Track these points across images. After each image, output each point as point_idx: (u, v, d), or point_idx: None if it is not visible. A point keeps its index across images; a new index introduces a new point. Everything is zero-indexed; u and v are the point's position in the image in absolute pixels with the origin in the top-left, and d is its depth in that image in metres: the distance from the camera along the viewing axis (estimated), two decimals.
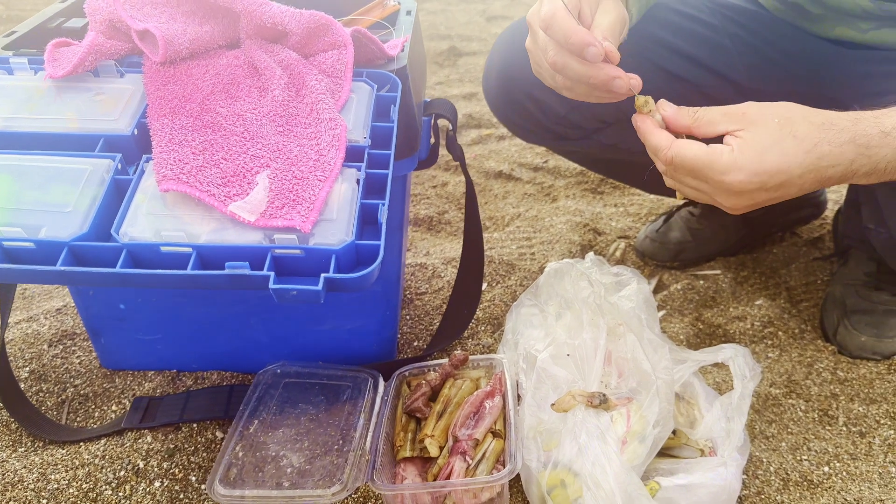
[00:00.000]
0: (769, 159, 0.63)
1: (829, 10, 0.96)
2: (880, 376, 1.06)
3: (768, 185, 0.64)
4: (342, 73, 0.74)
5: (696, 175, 0.66)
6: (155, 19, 0.76)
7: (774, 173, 0.64)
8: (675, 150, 0.66)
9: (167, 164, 0.63)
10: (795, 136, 0.64)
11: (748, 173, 0.64)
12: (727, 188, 0.65)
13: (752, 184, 0.64)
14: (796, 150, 0.63)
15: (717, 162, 0.64)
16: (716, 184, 0.66)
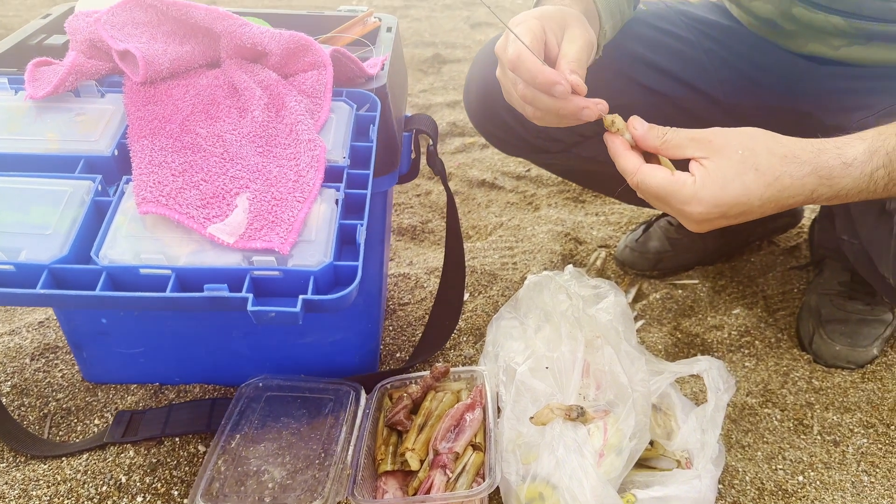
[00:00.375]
0: (730, 191, 0.65)
1: (802, 26, 0.98)
2: (854, 385, 1.08)
3: (728, 214, 0.67)
4: (322, 93, 0.75)
5: (660, 200, 0.69)
6: (136, 39, 0.76)
7: (734, 204, 0.66)
8: (640, 177, 0.68)
9: (147, 186, 0.64)
10: (757, 168, 0.65)
11: (708, 205, 0.66)
12: (688, 216, 0.68)
13: (712, 213, 0.66)
14: (757, 182, 0.65)
15: (680, 192, 0.66)
16: (677, 212, 0.68)
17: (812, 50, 1.00)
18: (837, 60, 0.99)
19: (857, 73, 0.98)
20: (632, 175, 0.69)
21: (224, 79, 0.76)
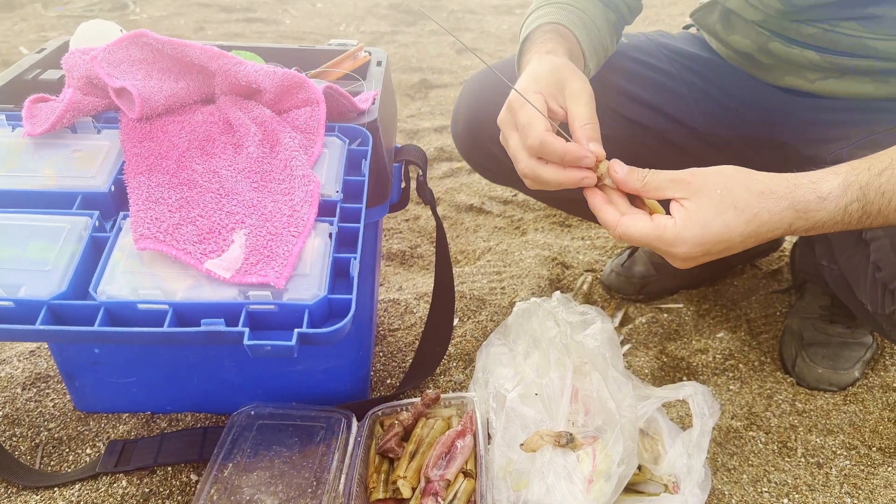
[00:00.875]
0: (712, 230, 0.68)
1: (779, 60, 1.01)
2: (836, 407, 1.10)
3: (712, 251, 0.69)
4: (315, 129, 0.77)
5: (645, 245, 0.71)
6: (131, 76, 0.78)
7: (717, 242, 0.68)
8: (621, 230, 0.71)
9: (144, 222, 0.65)
10: (736, 206, 0.68)
11: (691, 245, 0.68)
12: (673, 256, 0.70)
13: (696, 251, 0.69)
14: (737, 220, 0.68)
15: (662, 236, 0.68)
16: (663, 253, 0.70)
17: (789, 83, 1.03)
18: (813, 93, 1.02)
19: (832, 105, 1.01)
20: (613, 228, 0.71)
21: (219, 115, 0.78)
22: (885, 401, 1.11)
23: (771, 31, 1.00)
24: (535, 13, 0.97)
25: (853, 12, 0.90)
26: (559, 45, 0.85)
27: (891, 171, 0.69)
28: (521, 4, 3.70)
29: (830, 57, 0.96)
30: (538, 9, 0.97)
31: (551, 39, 0.86)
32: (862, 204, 0.69)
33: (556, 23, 0.91)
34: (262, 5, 3.49)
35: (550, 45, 0.85)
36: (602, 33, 0.98)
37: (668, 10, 3.66)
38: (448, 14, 3.49)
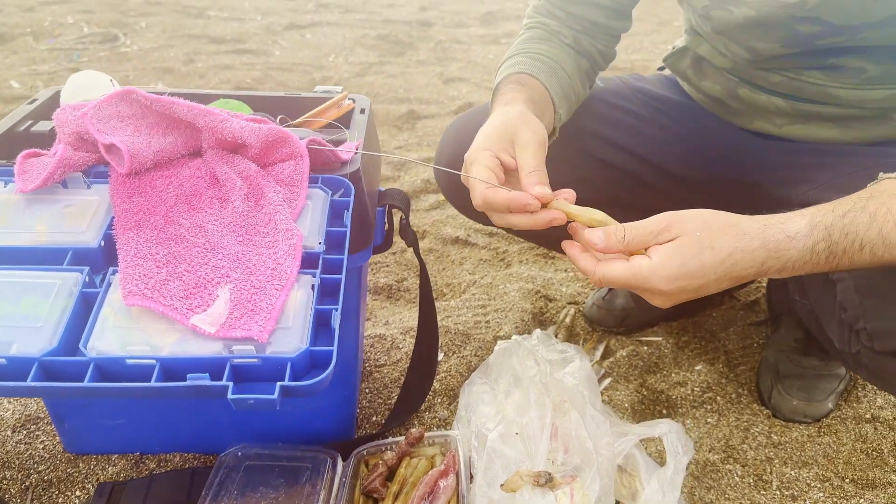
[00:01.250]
0: (689, 268, 0.70)
1: (748, 106, 1.05)
2: (811, 439, 1.13)
3: (687, 289, 0.72)
4: (299, 182, 0.80)
5: (624, 286, 0.74)
6: (121, 132, 0.81)
7: (692, 279, 0.71)
8: (599, 276, 0.74)
9: (132, 278, 0.68)
10: (713, 247, 0.70)
11: (668, 280, 0.70)
12: (651, 292, 0.73)
13: (671, 288, 0.71)
14: (713, 259, 0.70)
15: (639, 274, 0.71)
16: (642, 291, 0.73)
17: (758, 127, 1.07)
18: (781, 137, 1.06)
19: (799, 148, 1.05)
20: (592, 275, 0.74)
21: (206, 169, 0.81)
22: (857, 432, 1.14)
23: (740, 77, 1.04)
24: (506, 62, 1.01)
25: (816, 62, 0.94)
26: (518, 95, 0.89)
27: (853, 214, 0.72)
28: (507, 34, 3.76)
29: (796, 103, 1.00)
30: (510, 58, 1.01)
31: (512, 90, 0.91)
32: (828, 244, 0.72)
33: (523, 72, 0.95)
34: (251, 37, 3.53)
35: (510, 95, 0.89)
36: (573, 80, 1.02)
37: (651, 38, 3.73)
38: (435, 44, 3.55)
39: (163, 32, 3.54)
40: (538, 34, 1.05)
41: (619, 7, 1.03)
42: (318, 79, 2.96)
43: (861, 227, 0.71)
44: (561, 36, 1.04)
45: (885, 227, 0.70)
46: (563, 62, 1.01)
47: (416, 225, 1.84)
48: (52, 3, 3.97)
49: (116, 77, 2.85)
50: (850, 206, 0.73)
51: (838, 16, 0.85)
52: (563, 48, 1.03)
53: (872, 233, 0.70)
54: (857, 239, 0.71)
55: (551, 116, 0.97)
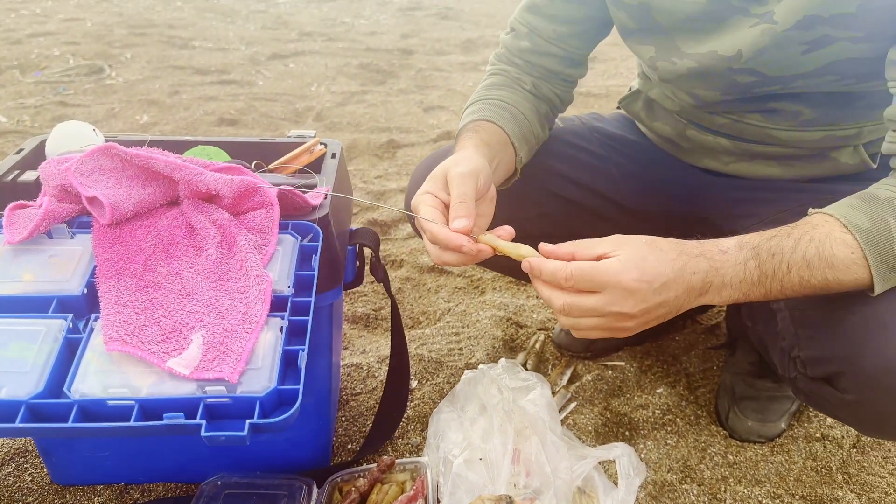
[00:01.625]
0: (648, 265, 0.75)
1: (696, 145, 1.13)
2: (764, 458, 1.19)
3: (654, 286, 0.75)
4: (269, 229, 0.86)
5: (594, 283, 0.75)
6: (102, 185, 0.87)
7: (655, 276, 0.75)
8: (572, 266, 0.75)
9: (113, 325, 0.74)
10: (661, 249, 0.77)
11: (636, 275, 0.74)
12: (624, 288, 0.74)
13: (641, 284, 0.74)
14: (665, 258, 0.76)
15: (611, 267, 0.74)
16: (613, 287, 0.74)
17: (706, 165, 1.15)
18: (728, 174, 1.13)
19: (745, 184, 1.12)
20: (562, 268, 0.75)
21: (182, 219, 0.87)
22: (808, 450, 1.20)
23: (688, 119, 1.12)
24: (469, 108, 1.08)
25: (756, 106, 1.01)
26: (468, 142, 0.96)
27: (779, 238, 0.79)
28: (486, 62, 3.85)
29: (740, 143, 1.08)
30: (473, 104, 1.08)
31: (465, 138, 0.98)
32: (757, 262, 0.78)
33: (483, 119, 1.01)
34: (235, 67, 3.61)
35: (461, 143, 0.96)
36: (532, 124, 1.09)
37: (626, 64, 3.83)
38: (416, 72, 3.63)
39: (148, 63, 3.61)
40: (499, 80, 1.12)
41: (573, 56, 1.10)
42: (300, 109, 3.03)
43: (786, 250, 0.78)
44: (521, 82, 1.11)
45: (809, 251, 0.77)
46: (523, 107, 1.08)
47: (394, 254, 1.91)
48: (38, 36, 4.04)
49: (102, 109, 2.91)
50: (776, 232, 0.80)
51: (771, 68, 0.92)
52: (522, 94, 1.10)
53: (797, 256, 0.78)
54: (784, 260, 0.78)
55: (511, 157, 1.03)
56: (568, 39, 1.07)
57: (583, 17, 1.05)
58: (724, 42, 0.92)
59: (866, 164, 1.04)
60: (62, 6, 4.89)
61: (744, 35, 0.90)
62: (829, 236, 0.78)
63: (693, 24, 0.94)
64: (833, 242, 0.77)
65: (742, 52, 0.91)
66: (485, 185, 0.86)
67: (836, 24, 0.84)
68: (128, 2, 5.14)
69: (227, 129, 2.73)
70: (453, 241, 0.79)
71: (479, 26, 4.97)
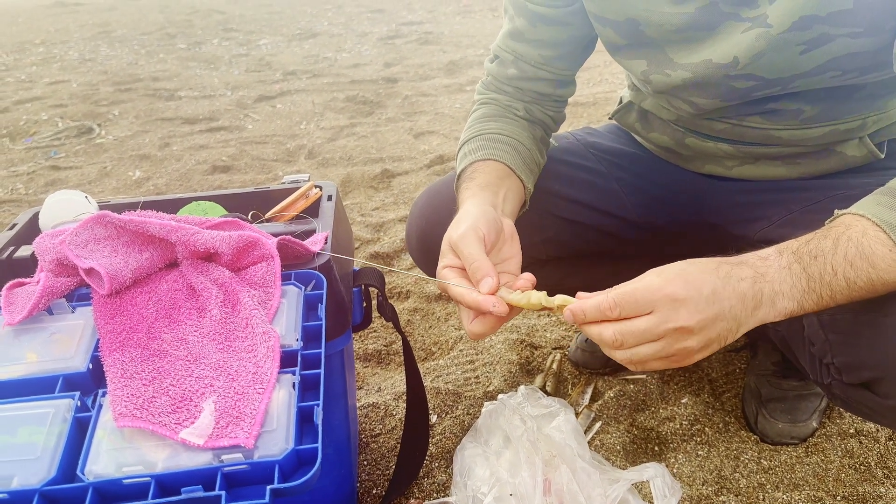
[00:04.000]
0: (691, 275, 0.71)
1: (697, 152, 1.11)
2: (800, 460, 1.16)
3: (704, 292, 0.70)
4: (271, 282, 0.84)
5: (641, 304, 0.70)
6: (98, 254, 0.85)
7: (701, 282, 0.71)
8: (614, 293, 0.72)
9: (121, 400, 0.71)
10: (700, 261, 0.73)
11: (681, 283, 0.70)
12: (673, 299, 0.70)
13: (690, 291, 0.70)
14: (706, 267, 0.72)
15: (653, 282, 0.71)
16: (661, 301, 0.70)
17: (710, 171, 1.13)
18: (733, 178, 1.11)
19: (751, 187, 1.10)
20: (605, 298, 0.72)
21: (182, 281, 0.85)
22: (844, 448, 1.17)
23: (685, 128, 1.10)
24: (467, 145, 1.05)
25: (755, 109, 0.99)
26: (465, 192, 0.94)
27: (816, 240, 0.76)
28: (471, 81, 3.87)
29: (742, 147, 1.06)
30: (470, 140, 1.06)
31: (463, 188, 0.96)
32: (801, 266, 0.74)
33: (481, 160, 1.00)
34: (223, 113, 3.61)
35: (460, 193, 0.95)
36: (532, 152, 1.07)
37: (611, 69, 3.84)
38: (403, 100, 3.64)
39: (136, 119, 3.62)
40: (492, 110, 1.10)
41: (561, 78, 1.09)
42: (291, 148, 3.03)
43: (827, 251, 0.74)
44: (513, 109, 1.10)
45: (849, 251, 0.74)
46: (520, 136, 1.06)
47: (399, 285, 1.89)
48: (25, 102, 4.06)
49: (94, 169, 2.91)
50: (812, 235, 0.77)
51: (770, 71, 0.90)
52: (517, 122, 1.09)
53: (839, 256, 0.74)
54: (828, 262, 0.74)
55: (519, 186, 1.01)
56: (555, 62, 1.06)
57: (567, 39, 1.04)
58: (718, 50, 0.90)
59: (874, 155, 1.01)
60: (47, 70, 4.92)
61: (738, 41, 0.88)
62: (865, 235, 0.74)
63: (684, 35, 0.92)
64: (870, 241, 0.74)
65: (738, 58, 0.89)
66: (491, 231, 0.84)
67: (834, 21, 0.82)
68: (111, 59, 5.18)
69: (220, 177, 2.73)
70: (483, 307, 0.78)
71: (461, 47, 4.99)
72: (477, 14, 6.50)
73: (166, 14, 7.39)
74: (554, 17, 1.02)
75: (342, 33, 5.85)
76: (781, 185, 1.08)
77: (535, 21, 1.03)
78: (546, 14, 1.02)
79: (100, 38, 6.16)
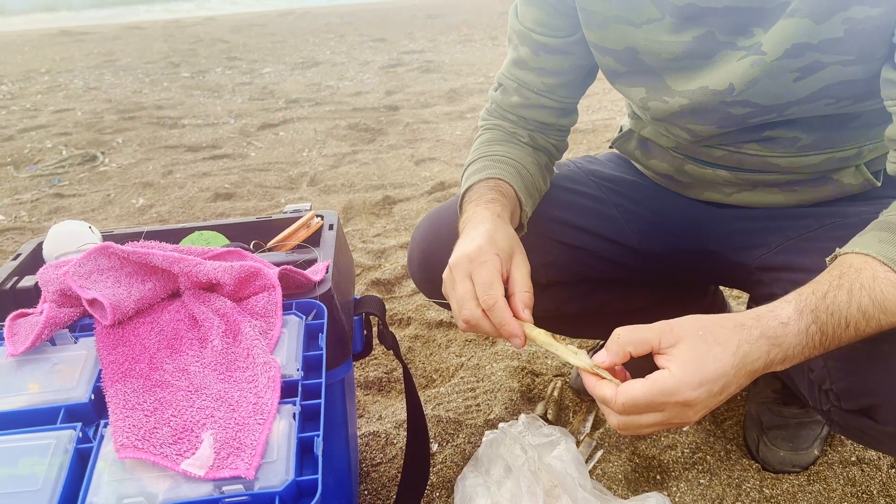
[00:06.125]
0: (707, 368, 0.71)
1: (696, 179, 1.12)
2: (801, 488, 1.16)
3: (714, 390, 0.71)
4: (273, 312, 0.85)
5: (652, 407, 0.71)
6: (101, 285, 0.86)
7: (715, 379, 0.71)
8: (623, 396, 0.71)
9: (123, 431, 0.72)
10: (719, 342, 0.72)
11: (695, 386, 0.70)
12: (682, 404, 0.71)
13: (701, 394, 0.70)
14: (725, 353, 0.71)
15: (665, 388, 0.70)
16: (672, 407, 0.71)
17: (708, 197, 1.14)
18: (731, 205, 1.12)
19: (750, 214, 1.11)
20: (613, 398, 0.72)
21: (184, 311, 0.86)
22: (845, 476, 1.17)
23: (684, 155, 1.11)
24: (473, 166, 1.07)
25: (753, 136, 1.01)
26: (506, 208, 0.96)
27: (833, 293, 0.75)
28: (471, 109, 3.90)
29: (740, 174, 1.07)
30: (476, 161, 1.08)
31: (497, 200, 0.97)
32: (819, 325, 0.74)
33: (497, 178, 1.02)
34: (226, 141, 3.64)
35: (499, 207, 0.96)
36: (535, 177, 1.08)
37: (610, 97, 3.87)
38: (404, 127, 3.67)
39: (140, 146, 3.65)
40: (496, 135, 1.12)
41: (564, 106, 1.10)
42: (294, 175, 3.05)
43: (842, 305, 0.74)
44: (517, 136, 1.12)
45: (863, 301, 0.74)
46: (525, 161, 1.08)
47: (400, 312, 1.89)
48: (29, 130, 4.09)
49: (97, 197, 2.93)
50: (828, 286, 0.76)
51: (765, 97, 0.92)
52: (522, 147, 1.11)
53: (853, 309, 0.74)
54: (843, 317, 0.74)
55: (518, 214, 1.03)
56: (558, 90, 1.08)
57: (570, 67, 1.06)
58: (714, 77, 0.92)
59: (870, 183, 1.03)
60: (52, 98, 4.98)
61: (734, 68, 0.90)
62: (875, 279, 0.74)
63: (681, 63, 0.94)
64: (882, 285, 0.74)
65: (734, 84, 0.91)
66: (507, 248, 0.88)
67: (826, 49, 0.84)
68: (115, 87, 5.23)
69: (223, 204, 2.75)
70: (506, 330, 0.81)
71: (461, 75, 5.05)
72: (477, 43, 6.57)
73: (170, 43, 7.48)
74: (556, 47, 1.04)
75: (344, 62, 5.92)
76: (779, 212, 1.09)
77: (538, 50, 1.05)
78: (549, 43, 1.04)
79: (104, 66, 6.24)
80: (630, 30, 0.96)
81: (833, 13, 0.81)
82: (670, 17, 0.92)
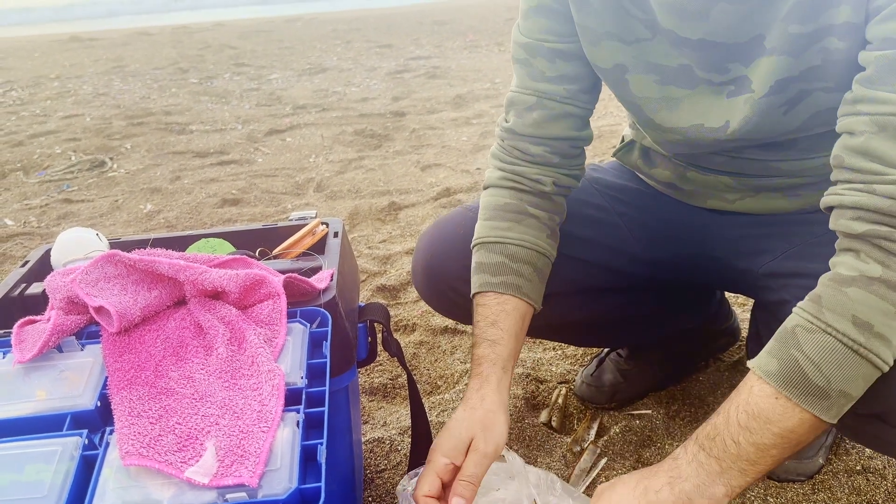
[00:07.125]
0: None
1: (699, 186, 1.12)
2: (806, 497, 1.16)
3: None
4: (277, 320, 0.86)
5: None
6: (108, 293, 0.87)
7: None
8: None
9: (129, 438, 0.73)
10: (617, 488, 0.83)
11: None
12: None
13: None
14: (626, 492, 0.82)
15: None
16: None
17: (711, 205, 1.14)
18: (735, 211, 1.13)
19: (753, 220, 1.12)
20: None
21: (190, 319, 0.87)
22: (850, 485, 1.17)
23: (686, 162, 1.11)
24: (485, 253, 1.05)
25: (753, 143, 1.01)
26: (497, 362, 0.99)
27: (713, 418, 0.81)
28: (477, 115, 3.91)
29: (742, 179, 1.07)
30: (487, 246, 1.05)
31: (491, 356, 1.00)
32: (706, 451, 0.79)
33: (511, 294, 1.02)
34: (234, 147, 3.66)
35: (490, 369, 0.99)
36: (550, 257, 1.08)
37: (614, 102, 3.87)
38: (410, 133, 3.68)
39: (148, 152, 3.68)
40: (511, 202, 1.07)
41: (585, 112, 1.07)
42: (300, 181, 3.06)
43: (720, 427, 0.79)
44: (540, 186, 1.06)
45: (740, 417, 0.78)
46: (539, 245, 1.05)
47: (405, 318, 1.89)
48: (39, 136, 4.13)
49: (106, 203, 2.95)
50: (714, 415, 0.82)
51: (761, 134, 0.94)
52: (536, 223, 1.06)
53: (731, 426, 0.78)
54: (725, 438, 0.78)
55: (529, 317, 1.06)
56: (580, 95, 1.05)
57: (587, 72, 1.04)
58: (710, 116, 0.95)
59: None
60: (61, 104, 5.02)
61: (728, 106, 0.93)
62: (752, 393, 0.78)
63: (663, 92, 0.97)
64: (756, 398, 0.77)
65: (729, 123, 0.94)
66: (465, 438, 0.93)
67: (807, 77, 0.86)
68: (124, 93, 5.27)
69: (230, 210, 2.76)
70: None
71: (467, 81, 5.06)
72: (483, 49, 6.59)
73: (179, 49, 7.53)
74: (572, 52, 1.03)
75: (351, 68, 5.95)
76: (783, 218, 1.09)
77: (555, 57, 1.03)
78: (564, 49, 1.03)
79: (113, 72, 6.28)
80: (620, 47, 0.97)
81: (809, 45, 0.84)
82: (659, 38, 0.94)
